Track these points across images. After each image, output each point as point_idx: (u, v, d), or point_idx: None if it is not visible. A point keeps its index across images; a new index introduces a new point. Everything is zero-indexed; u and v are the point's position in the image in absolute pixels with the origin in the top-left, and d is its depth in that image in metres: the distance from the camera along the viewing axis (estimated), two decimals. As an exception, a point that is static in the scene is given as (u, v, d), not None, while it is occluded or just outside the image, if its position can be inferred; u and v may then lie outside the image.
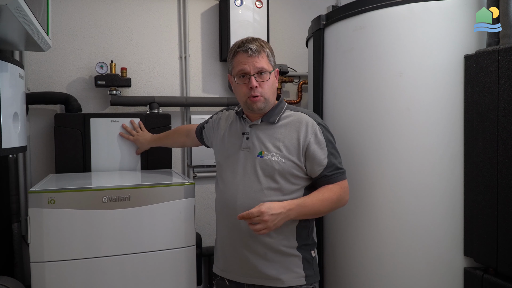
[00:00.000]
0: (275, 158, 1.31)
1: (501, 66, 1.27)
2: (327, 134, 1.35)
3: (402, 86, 1.48)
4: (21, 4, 1.13)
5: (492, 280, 1.30)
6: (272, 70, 1.35)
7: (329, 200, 1.30)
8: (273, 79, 1.36)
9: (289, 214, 1.24)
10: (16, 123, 1.54)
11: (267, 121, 1.37)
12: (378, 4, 1.51)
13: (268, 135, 1.35)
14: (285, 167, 1.30)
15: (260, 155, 1.33)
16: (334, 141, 1.37)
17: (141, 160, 2.12)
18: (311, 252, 1.40)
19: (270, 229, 1.21)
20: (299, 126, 1.33)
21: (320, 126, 1.34)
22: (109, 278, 1.48)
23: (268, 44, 1.38)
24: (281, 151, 1.31)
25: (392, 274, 1.52)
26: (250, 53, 1.30)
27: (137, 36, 2.31)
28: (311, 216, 1.33)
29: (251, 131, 1.38)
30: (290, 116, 1.37)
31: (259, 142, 1.35)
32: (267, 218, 1.18)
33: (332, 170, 1.32)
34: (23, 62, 2.06)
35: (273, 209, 1.20)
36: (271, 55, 1.36)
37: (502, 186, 1.28)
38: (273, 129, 1.36)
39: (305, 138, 1.31)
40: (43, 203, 1.40)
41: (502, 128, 1.27)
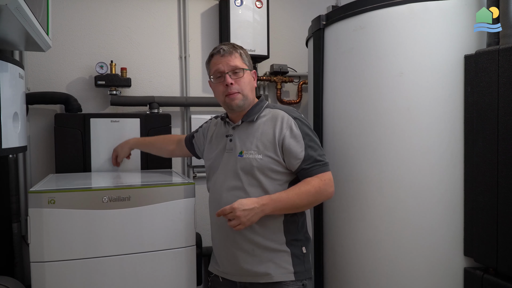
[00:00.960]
0: (253, 155, 1.34)
1: (501, 66, 1.27)
2: (304, 128, 1.35)
3: (402, 86, 1.48)
4: (21, 4, 1.13)
5: (492, 280, 1.30)
6: (248, 69, 1.41)
7: (306, 193, 1.29)
8: (249, 78, 1.42)
9: (263, 209, 1.26)
10: (16, 123, 1.54)
11: (246, 120, 1.40)
12: (378, 4, 1.51)
13: (248, 134, 1.39)
14: (263, 163, 1.32)
15: (240, 154, 1.37)
16: (313, 134, 1.37)
17: (141, 160, 2.12)
18: (302, 248, 1.39)
19: (245, 224, 1.24)
20: (275, 121, 1.36)
21: (296, 120, 1.35)
22: (109, 278, 1.48)
23: (243, 48, 1.44)
24: (258, 148, 1.34)
25: (392, 274, 1.52)
26: (222, 53, 1.38)
27: (137, 36, 2.31)
28: (290, 210, 1.33)
29: (234, 133, 1.42)
30: (268, 114, 1.40)
31: (240, 142, 1.39)
32: (239, 214, 1.22)
33: (311, 162, 1.32)
34: (23, 62, 2.06)
35: (245, 205, 1.23)
36: (245, 56, 1.42)
37: (502, 186, 1.28)
38: (252, 127, 1.39)
39: (280, 133, 1.33)
40: (43, 203, 1.40)
41: (502, 128, 1.27)
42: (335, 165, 1.71)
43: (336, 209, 1.71)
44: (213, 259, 1.53)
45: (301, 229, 1.41)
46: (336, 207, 1.72)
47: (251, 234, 1.34)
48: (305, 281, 1.38)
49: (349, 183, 1.63)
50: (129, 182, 1.65)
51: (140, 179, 1.81)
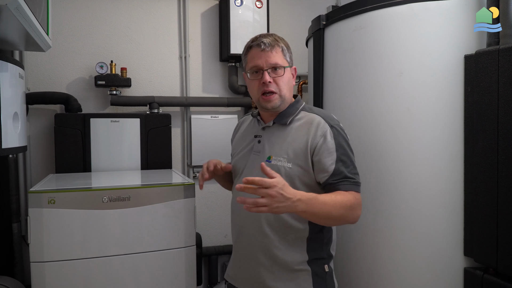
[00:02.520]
0: (282, 163, 1.20)
1: (501, 66, 1.27)
2: (340, 139, 1.19)
3: (402, 86, 1.48)
4: (21, 4, 1.13)
5: (492, 280, 1.30)
6: (288, 66, 1.26)
7: (341, 204, 1.11)
8: (289, 76, 1.26)
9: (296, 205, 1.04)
10: (16, 123, 1.54)
11: (279, 122, 1.26)
12: (378, 4, 1.51)
13: (279, 137, 1.24)
14: (292, 173, 1.18)
15: (268, 159, 1.23)
16: (348, 147, 1.21)
17: (141, 160, 2.12)
18: (324, 266, 1.24)
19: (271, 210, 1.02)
20: (309, 128, 1.20)
21: (332, 129, 1.19)
22: (109, 278, 1.48)
23: (284, 40, 1.29)
24: (288, 155, 1.19)
25: (392, 274, 1.52)
26: (263, 47, 1.23)
27: (137, 36, 2.31)
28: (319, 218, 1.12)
29: (263, 134, 1.29)
30: (304, 118, 1.24)
31: (269, 145, 1.25)
32: (274, 194, 0.99)
33: (339, 178, 1.15)
34: (23, 62, 2.06)
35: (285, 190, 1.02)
36: (286, 51, 1.27)
37: (502, 186, 1.28)
38: (284, 131, 1.24)
39: (312, 140, 1.18)
40: (43, 203, 1.40)
41: (502, 128, 1.27)
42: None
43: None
44: (229, 266, 1.40)
45: (325, 247, 1.25)
46: (336, 207, 1.72)
47: (272, 247, 1.21)
48: None
49: (349, 183, 1.63)
50: (129, 182, 1.65)
51: (140, 179, 1.82)
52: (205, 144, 2.39)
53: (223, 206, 2.49)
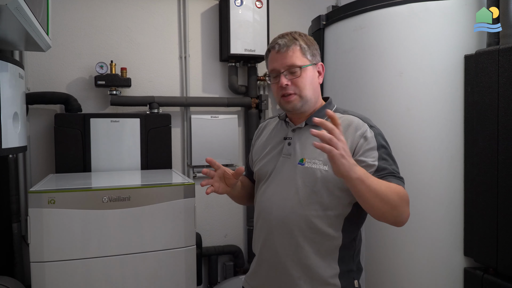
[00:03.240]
0: (317, 165, 1.12)
1: (501, 66, 1.27)
2: (379, 139, 1.13)
3: (402, 86, 1.48)
4: (21, 4, 1.13)
5: (492, 280, 1.30)
6: (309, 64, 1.18)
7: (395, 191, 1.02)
8: (311, 75, 1.18)
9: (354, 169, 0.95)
10: (16, 123, 1.54)
11: (311, 124, 1.17)
12: (378, 4, 1.51)
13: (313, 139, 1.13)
14: (328, 176, 1.10)
15: (301, 162, 1.16)
16: (388, 147, 1.15)
17: (141, 160, 2.12)
18: (354, 282, 1.16)
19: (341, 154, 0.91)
20: (347, 128, 1.13)
21: (372, 129, 1.14)
22: (109, 278, 1.48)
23: (305, 37, 1.21)
24: (324, 157, 1.10)
25: (392, 273, 1.52)
26: (277, 48, 1.19)
27: (137, 36, 2.31)
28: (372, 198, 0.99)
29: (294, 136, 1.21)
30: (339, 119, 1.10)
31: (301, 148, 1.17)
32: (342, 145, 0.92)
33: (385, 173, 1.08)
34: (23, 62, 2.06)
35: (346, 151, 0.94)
36: (307, 49, 1.18)
37: (502, 186, 1.28)
38: None
39: (352, 141, 1.11)
40: (43, 203, 1.40)
41: (502, 128, 1.27)
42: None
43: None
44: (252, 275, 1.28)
45: (356, 257, 1.19)
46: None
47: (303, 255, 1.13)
48: None
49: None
50: (129, 182, 1.65)
51: (140, 179, 1.81)
52: (205, 144, 2.39)
53: (223, 206, 2.50)
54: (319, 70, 1.21)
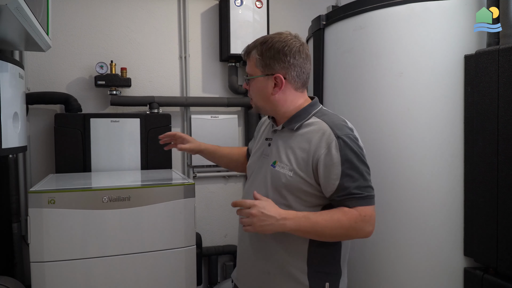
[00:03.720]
0: (283, 170, 1.15)
1: (501, 66, 1.27)
2: (346, 151, 1.09)
3: (402, 86, 1.48)
4: (21, 4, 1.13)
5: (492, 280, 1.30)
6: (259, 75, 1.18)
7: (337, 224, 1.07)
8: (258, 86, 1.20)
9: (283, 223, 1.06)
10: (16, 123, 1.54)
11: (287, 127, 1.20)
12: (378, 4, 1.51)
13: (286, 143, 1.19)
14: (292, 182, 1.13)
15: (273, 164, 1.19)
16: (357, 159, 1.10)
17: (141, 160, 2.12)
18: (325, 284, 1.16)
19: (255, 229, 1.06)
20: (314, 137, 1.13)
21: (338, 140, 1.09)
22: (109, 278, 1.48)
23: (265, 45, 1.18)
24: (291, 163, 1.14)
25: (392, 273, 1.52)
26: (242, 54, 1.25)
27: (137, 36, 2.31)
28: (316, 237, 1.11)
29: (274, 137, 1.25)
30: (312, 125, 1.17)
31: (276, 150, 1.21)
32: (255, 212, 1.05)
33: (343, 195, 1.09)
34: (23, 62, 2.06)
35: (266, 209, 1.06)
36: (260, 60, 1.18)
37: (502, 186, 1.28)
38: (292, 137, 1.19)
39: (315, 152, 1.11)
40: (43, 203, 1.40)
41: (502, 128, 1.27)
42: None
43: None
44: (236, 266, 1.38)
45: (331, 260, 1.18)
46: (336, 207, 1.72)
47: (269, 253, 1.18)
48: None
49: (349, 183, 1.62)
50: (129, 182, 1.65)
51: (140, 179, 1.81)
52: (205, 144, 2.39)
53: (223, 206, 2.50)
54: (276, 82, 1.17)
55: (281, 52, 1.15)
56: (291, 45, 1.16)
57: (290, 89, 1.19)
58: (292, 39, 1.17)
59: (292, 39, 1.17)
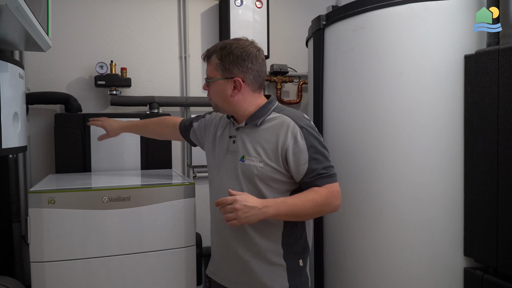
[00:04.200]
0: (254, 162, 1.27)
1: (501, 66, 1.27)
2: (310, 138, 1.25)
3: (402, 86, 1.48)
4: (21, 4, 1.13)
5: (492, 280, 1.30)
6: (219, 78, 1.29)
7: (312, 202, 1.22)
8: (218, 88, 1.31)
9: (265, 211, 1.18)
10: (16, 123, 1.54)
11: (250, 123, 1.32)
12: (378, 4, 1.51)
13: (251, 138, 1.31)
14: (263, 172, 1.26)
15: (242, 159, 1.30)
16: (319, 144, 1.27)
17: (141, 160, 2.12)
18: (299, 261, 1.33)
19: (241, 221, 1.16)
20: (279, 129, 1.26)
21: (302, 129, 1.25)
22: (109, 278, 1.48)
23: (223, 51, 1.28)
24: (260, 155, 1.27)
25: (392, 274, 1.52)
26: (203, 57, 1.36)
27: (137, 36, 2.31)
28: (294, 218, 1.26)
29: (238, 134, 1.34)
30: (275, 119, 1.30)
31: (242, 146, 1.31)
32: (238, 207, 1.15)
33: (313, 176, 1.24)
34: (23, 62, 2.06)
35: (248, 201, 1.16)
36: (220, 64, 1.28)
37: (502, 186, 1.28)
38: (256, 132, 1.31)
39: (283, 143, 1.24)
40: (43, 203, 1.40)
41: (502, 128, 1.27)
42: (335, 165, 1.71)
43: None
44: (211, 262, 1.48)
45: (299, 240, 1.34)
46: (336, 207, 1.72)
47: (249, 243, 1.30)
48: None
49: (348, 183, 1.63)
50: (129, 182, 1.65)
51: (140, 179, 1.81)
52: (205, 144, 2.39)
53: (223, 206, 2.49)
54: (233, 85, 1.29)
55: (239, 58, 1.27)
56: (249, 51, 1.28)
57: (248, 91, 1.31)
58: (249, 45, 1.29)
59: (250, 46, 1.29)
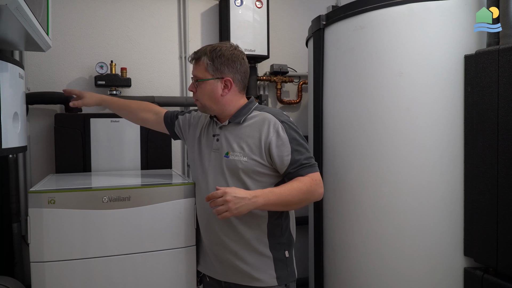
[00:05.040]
0: (238, 157, 1.34)
1: (501, 66, 1.27)
2: (291, 132, 1.34)
3: (402, 86, 1.48)
4: (21, 4, 1.13)
5: (492, 280, 1.30)
6: (210, 79, 1.37)
7: (298, 190, 1.28)
8: (209, 88, 1.37)
9: (255, 201, 1.23)
10: (16, 123, 1.54)
11: (233, 121, 1.40)
12: (378, 4, 1.51)
13: (234, 135, 1.38)
14: (248, 166, 1.33)
15: (226, 155, 1.37)
16: (300, 137, 1.36)
17: (141, 160, 2.12)
18: (285, 252, 1.40)
19: (232, 212, 1.21)
20: (261, 125, 1.35)
21: (283, 124, 1.34)
22: (109, 278, 1.48)
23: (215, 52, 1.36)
24: (244, 150, 1.34)
25: (392, 274, 1.52)
26: (190, 59, 1.43)
27: (137, 36, 2.31)
28: (281, 207, 1.32)
29: (221, 132, 1.42)
30: (256, 116, 1.39)
31: (226, 143, 1.39)
32: (229, 198, 1.19)
33: (296, 166, 1.32)
34: (23, 62, 2.06)
35: (237, 192, 1.22)
36: (211, 64, 1.36)
37: (502, 186, 1.28)
38: (239, 129, 1.38)
39: (266, 137, 1.32)
40: (43, 203, 1.40)
41: (502, 128, 1.27)
42: (335, 165, 1.71)
43: (335, 209, 1.71)
44: (200, 258, 1.55)
45: (285, 232, 1.41)
46: (335, 207, 1.72)
47: (237, 234, 1.36)
48: (289, 284, 1.40)
49: (348, 183, 1.63)
50: (129, 182, 1.65)
51: (140, 179, 1.81)
52: (205, 144, 2.39)
53: (223, 206, 2.49)
54: (225, 84, 1.38)
55: (230, 59, 1.37)
56: (237, 54, 1.39)
57: (235, 91, 1.40)
58: (236, 48, 1.40)
59: (236, 49, 1.40)
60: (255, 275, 1.35)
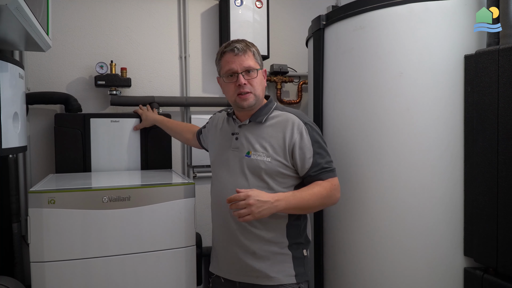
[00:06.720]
0: (261, 157, 1.33)
1: (501, 66, 1.27)
2: (314, 134, 1.35)
3: (402, 86, 1.48)
4: (21, 4, 1.13)
5: (492, 280, 1.30)
6: (260, 68, 1.38)
7: (318, 195, 1.29)
8: (261, 77, 1.39)
9: (277, 205, 1.23)
10: (16, 123, 1.54)
11: (254, 121, 1.39)
12: (378, 4, 1.51)
13: (256, 135, 1.37)
14: (271, 167, 1.32)
15: (247, 154, 1.35)
16: (322, 140, 1.37)
17: (141, 160, 2.12)
18: (303, 251, 1.40)
19: (255, 216, 1.20)
20: (285, 126, 1.34)
21: (306, 126, 1.34)
22: (109, 278, 1.48)
23: (254, 45, 1.41)
24: (267, 151, 1.33)
25: (392, 274, 1.52)
26: (236, 52, 1.34)
27: (137, 36, 2.31)
28: (301, 211, 1.33)
29: (240, 131, 1.41)
30: (278, 116, 1.38)
31: (247, 142, 1.37)
32: (252, 202, 1.19)
33: (317, 170, 1.32)
34: (23, 62, 2.06)
35: (260, 196, 1.21)
36: (257, 55, 1.39)
37: (502, 186, 1.28)
38: (260, 129, 1.37)
39: (291, 138, 1.32)
40: (43, 203, 1.40)
41: (502, 128, 1.27)
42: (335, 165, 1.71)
43: (335, 210, 1.71)
44: (213, 259, 1.52)
45: (303, 232, 1.42)
46: (335, 208, 1.72)
47: (254, 236, 1.35)
48: (301, 284, 1.39)
49: (349, 183, 1.63)
50: (129, 182, 1.65)
51: (140, 179, 1.81)
52: (205, 144, 2.39)
53: (223, 206, 2.49)
54: (264, 75, 1.42)
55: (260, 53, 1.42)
56: None
57: None
58: None
59: None
60: (272, 274, 1.34)
